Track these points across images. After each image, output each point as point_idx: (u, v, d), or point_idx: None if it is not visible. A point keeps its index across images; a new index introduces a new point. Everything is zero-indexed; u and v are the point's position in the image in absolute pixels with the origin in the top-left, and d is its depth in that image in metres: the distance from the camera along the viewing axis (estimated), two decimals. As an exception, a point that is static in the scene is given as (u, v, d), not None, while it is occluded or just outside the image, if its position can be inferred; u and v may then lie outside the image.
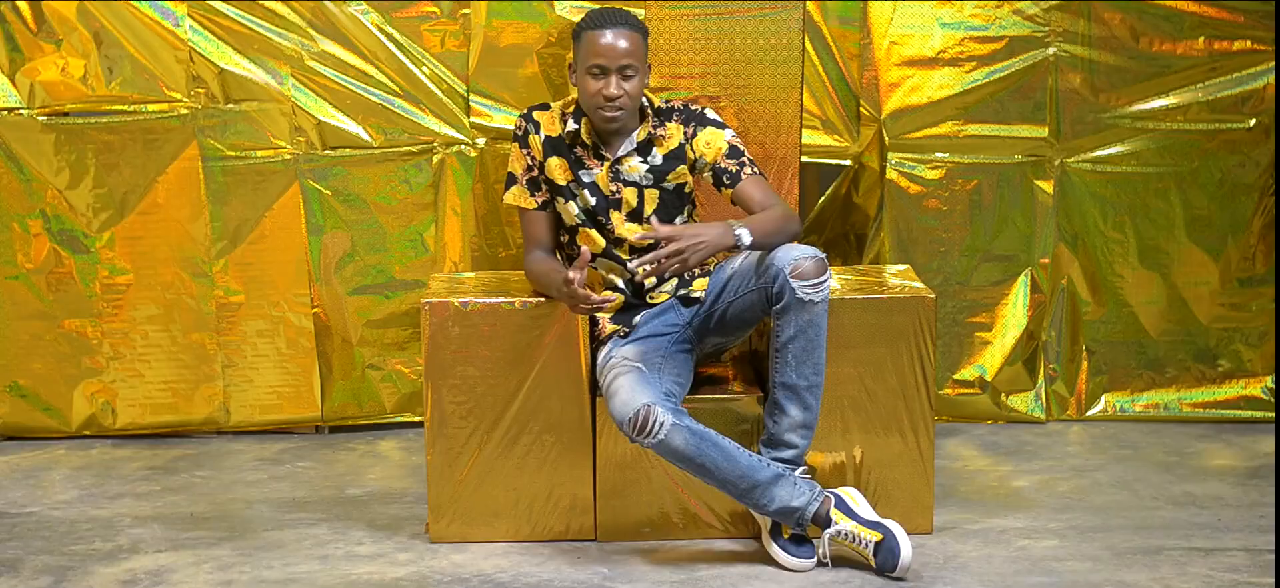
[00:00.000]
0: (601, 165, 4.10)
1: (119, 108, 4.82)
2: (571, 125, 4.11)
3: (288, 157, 4.85)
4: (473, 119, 4.88)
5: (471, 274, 4.49)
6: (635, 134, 4.12)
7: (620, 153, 4.11)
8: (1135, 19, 4.91)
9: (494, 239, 4.93)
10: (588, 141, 4.10)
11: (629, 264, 4.03)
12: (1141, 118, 4.95)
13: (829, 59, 4.96)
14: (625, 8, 4.18)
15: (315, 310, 4.94)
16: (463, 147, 4.90)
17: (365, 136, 4.87)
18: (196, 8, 4.77)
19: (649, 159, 4.11)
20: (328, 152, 4.86)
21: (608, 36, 3.99)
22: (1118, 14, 4.90)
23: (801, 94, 4.48)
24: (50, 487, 4.60)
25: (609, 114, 4.02)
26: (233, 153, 4.84)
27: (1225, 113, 4.96)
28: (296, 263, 4.91)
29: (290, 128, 4.84)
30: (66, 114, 4.82)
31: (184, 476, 4.68)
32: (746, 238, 3.88)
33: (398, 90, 4.86)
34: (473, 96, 4.87)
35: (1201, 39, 4.93)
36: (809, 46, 4.85)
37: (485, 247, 4.93)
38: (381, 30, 4.82)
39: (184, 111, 4.81)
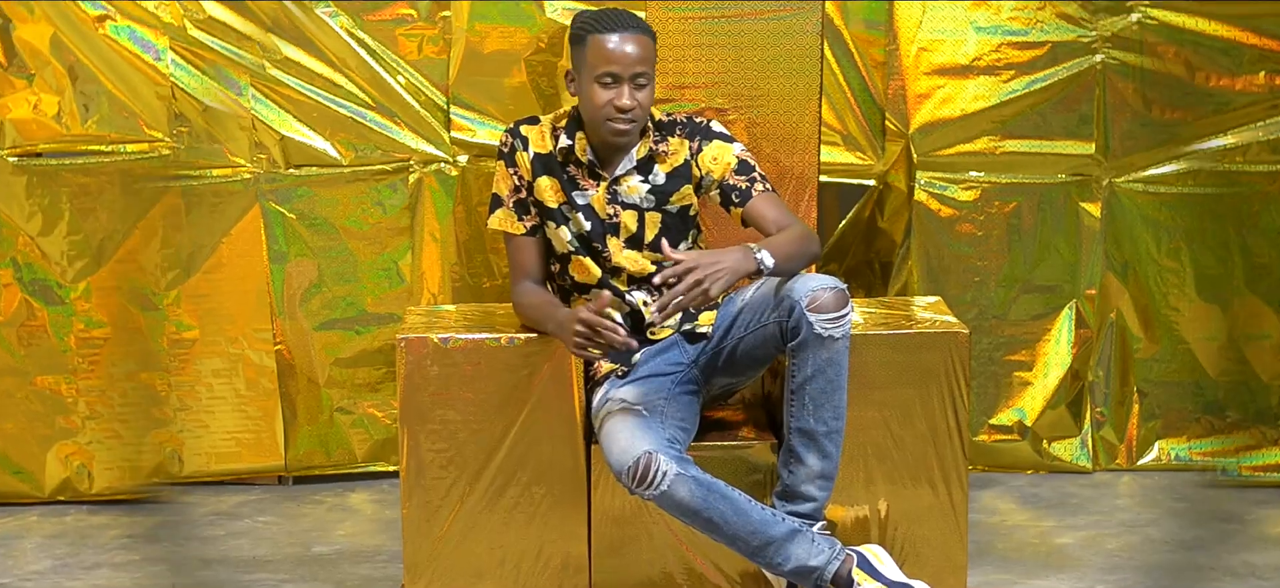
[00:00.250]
0: (598, 186, 4.09)
1: (96, 148, 4.83)
2: (564, 141, 4.09)
3: (247, 176, 4.87)
4: (453, 134, 4.90)
5: (452, 307, 4.49)
6: (635, 150, 4.10)
7: (619, 172, 4.09)
8: (1191, 52, 4.94)
9: (477, 268, 4.94)
10: (582, 159, 4.09)
11: (627, 297, 4.01)
12: (1197, 157, 4.97)
13: (851, 67, 4.98)
14: (627, 9, 4.15)
15: (278, 347, 4.94)
16: (442, 165, 4.92)
17: (333, 153, 4.89)
18: (180, 40, 4.78)
19: (650, 178, 4.10)
20: (291, 170, 4.88)
21: (617, 40, 3.98)
22: (1172, 46, 4.93)
23: (820, 106, 4.47)
24: (21, 557, 4.59)
25: (620, 127, 4.01)
26: (185, 170, 4.85)
27: None
28: (257, 294, 4.91)
29: (250, 143, 4.85)
30: (39, 155, 4.84)
31: (165, 544, 4.66)
32: (769, 261, 3.85)
33: (370, 102, 4.88)
34: (453, 109, 4.89)
35: (1262, 74, 4.95)
36: (828, 53, 4.87)
37: (467, 276, 4.94)
38: (352, 35, 4.83)
39: (165, 152, 4.83)
